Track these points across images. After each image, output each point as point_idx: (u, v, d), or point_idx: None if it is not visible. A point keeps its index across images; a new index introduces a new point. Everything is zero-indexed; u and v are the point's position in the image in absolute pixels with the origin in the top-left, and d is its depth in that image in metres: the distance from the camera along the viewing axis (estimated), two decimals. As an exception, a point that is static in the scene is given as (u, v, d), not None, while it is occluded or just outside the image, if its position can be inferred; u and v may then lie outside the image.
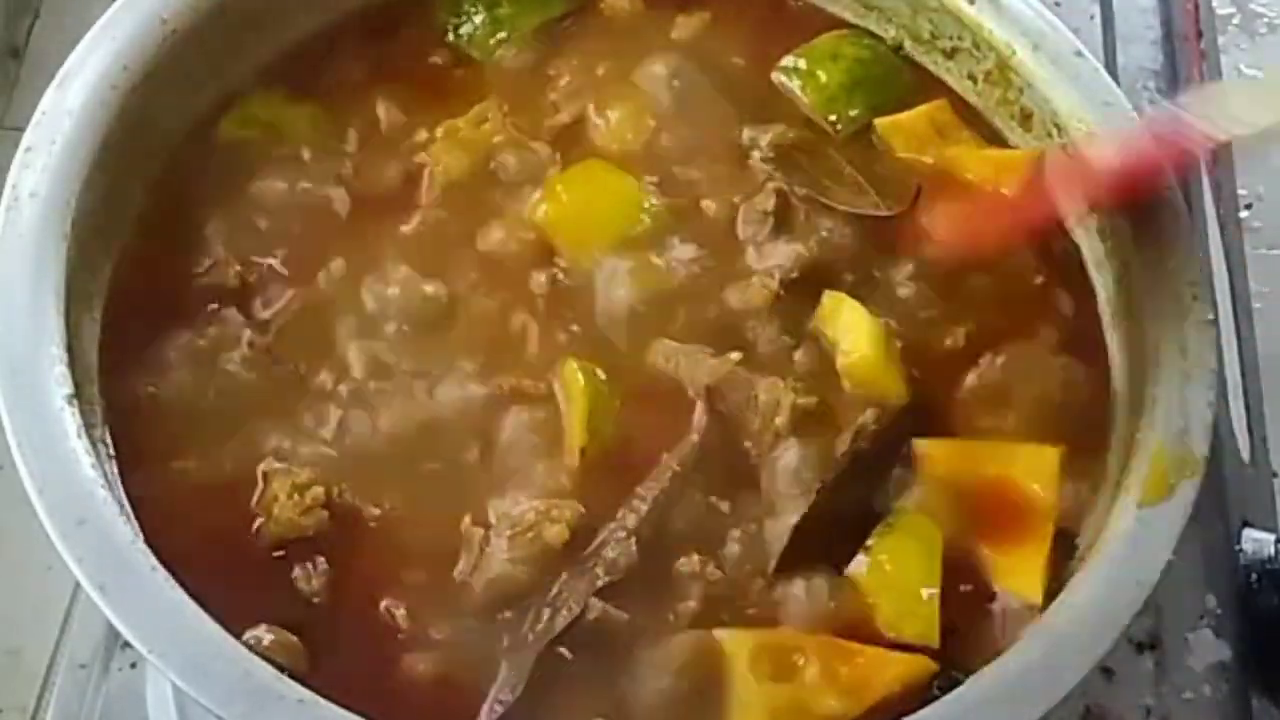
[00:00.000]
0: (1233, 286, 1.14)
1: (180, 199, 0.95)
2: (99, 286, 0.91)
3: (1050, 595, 0.83)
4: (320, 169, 0.98)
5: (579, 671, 0.81)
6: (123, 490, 0.83)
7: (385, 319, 0.92)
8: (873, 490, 0.88)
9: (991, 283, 0.96)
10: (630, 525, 0.85)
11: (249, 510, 0.85)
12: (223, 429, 0.88)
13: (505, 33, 1.04)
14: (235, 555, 0.84)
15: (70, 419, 0.81)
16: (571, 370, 0.90)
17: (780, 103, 1.03)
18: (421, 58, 1.04)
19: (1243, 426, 1.09)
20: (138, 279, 0.92)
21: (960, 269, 0.96)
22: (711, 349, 0.91)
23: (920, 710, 0.77)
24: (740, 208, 0.97)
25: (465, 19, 1.04)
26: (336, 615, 0.83)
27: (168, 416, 0.88)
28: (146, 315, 0.91)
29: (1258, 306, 1.14)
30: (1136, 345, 0.91)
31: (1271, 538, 1.05)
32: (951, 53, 1.05)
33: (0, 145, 0.97)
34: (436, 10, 1.05)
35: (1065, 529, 0.87)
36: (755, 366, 0.91)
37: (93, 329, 0.89)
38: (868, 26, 1.07)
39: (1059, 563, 0.86)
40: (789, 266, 0.94)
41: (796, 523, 0.86)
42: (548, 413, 0.89)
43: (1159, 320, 0.90)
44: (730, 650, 0.82)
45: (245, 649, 0.77)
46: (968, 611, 0.85)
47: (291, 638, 0.80)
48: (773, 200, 0.96)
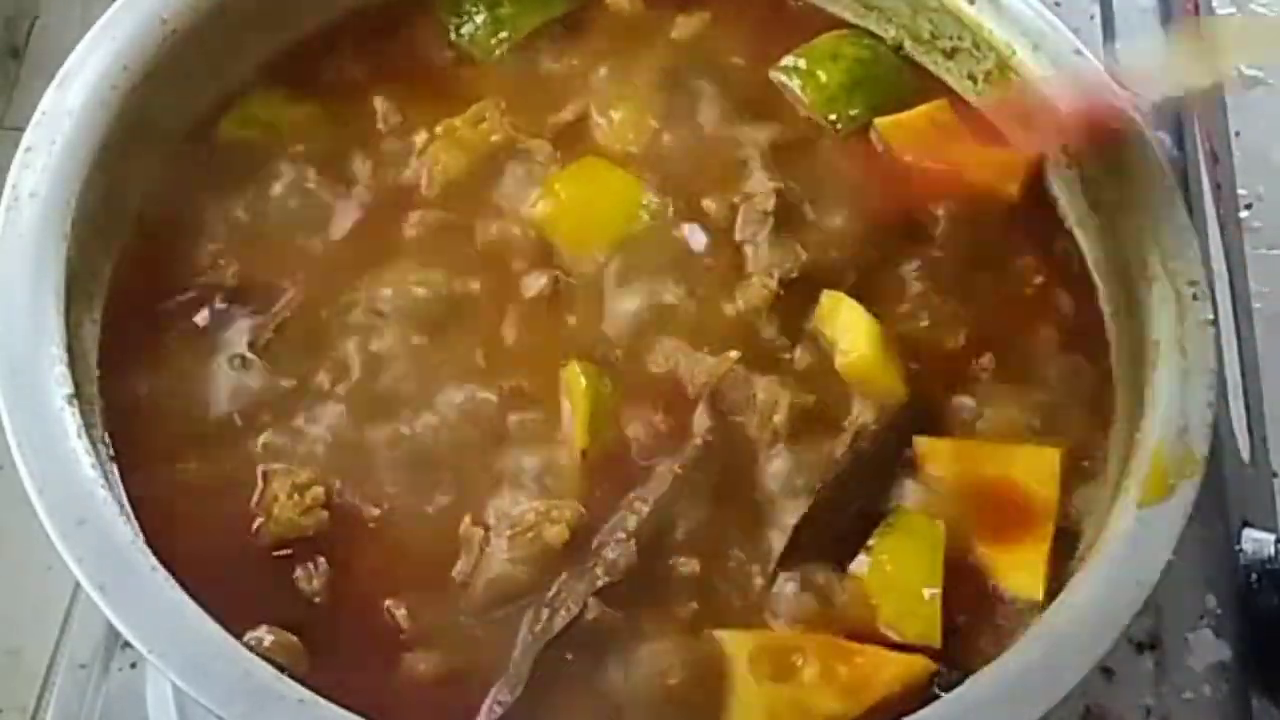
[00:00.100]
0: (1233, 286, 1.14)
1: (180, 199, 0.95)
2: (99, 286, 0.91)
3: (1051, 594, 0.83)
4: (320, 169, 0.98)
5: (579, 672, 0.81)
6: (123, 490, 0.83)
7: (384, 319, 0.92)
8: (873, 490, 0.88)
9: (991, 282, 0.96)
10: (631, 527, 0.85)
11: (249, 510, 0.85)
12: (222, 429, 0.88)
13: (506, 32, 1.04)
14: (235, 555, 0.84)
15: (70, 419, 0.81)
16: (573, 371, 0.90)
17: (780, 102, 1.03)
18: (422, 57, 1.04)
19: (1243, 426, 1.09)
20: (138, 279, 0.92)
21: (962, 264, 0.96)
22: (710, 349, 0.91)
23: (920, 710, 0.77)
24: (740, 208, 0.97)
25: (466, 19, 1.04)
26: (336, 615, 0.83)
27: (168, 416, 0.88)
28: (146, 315, 0.91)
29: (1258, 306, 1.14)
30: (1136, 345, 0.91)
31: (1271, 538, 1.05)
32: (951, 53, 1.05)
33: (0, 145, 0.97)
34: (437, 10, 1.05)
35: (1065, 528, 0.87)
36: (754, 366, 0.91)
37: (93, 329, 0.89)
38: (868, 26, 1.07)
39: (1059, 562, 0.86)
40: (788, 266, 0.94)
41: (797, 523, 0.86)
42: (548, 413, 0.89)
43: (1159, 320, 0.90)
44: (730, 651, 0.82)
45: (245, 649, 0.77)
46: (968, 611, 0.85)
47: (292, 638, 0.80)
48: (772, 200, 0.96)
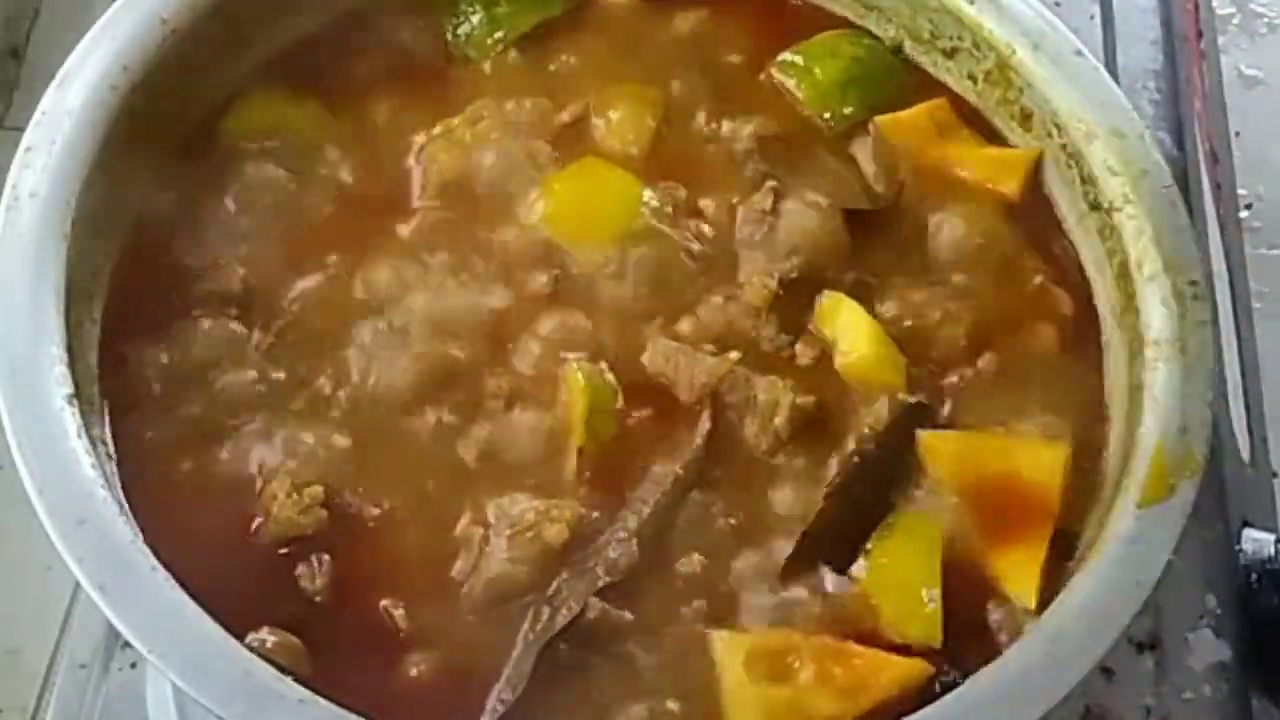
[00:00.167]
0: (1233, 286, 1.14)
1: (180, 199, 0.95)
2: (99, 286, 0.91)
3: (1047, 596, 0.83)
4: (320, 169, 0.98)
5: (579, 671, 0.81)
6: (123, 490, 0.83)
7: (384, 319, 0.92)
8: (877, 491, 0.88)
9: (991, 282, 0.96)
10: (632, 526, 0.85)
11: (249, 510, 0.85)
12: (222, 429, 0.88)
13: (503, 32, 1.04)
14: (235, 555, 0.84)
15: (70, 419, 0.81)
16: (572, 370, 0.90)
17: (778, 100, 1.03)
18: (420, 57, 1.04)
19: (1243, 426, 1.09)
20: (138, 279, 0.92)
21: (961, 264, 0.96)
22: (711, 348, 0.91)
23: (920, 710, 0.77)
24: (739, 207, 0.97)
25: (463, 18, 1.04)
26: (336, 615, 0.83)
27: (168, 416, 0.88)
28: (146, 316, 0.91)
29: (1258, 306, 1.14)
30: (1136, 345, 0.91)
31: (1271, 538, 1.05)
32: (951, 53, 1.05)
33: (0, 145, 0.97)
34: (435, 10, 1.05)
35: (1065, 529, 0.87)
36: (754, 366, 0.91)
37: (93, 329, 0.89)
38: (867, 26, 1.07)
39: (1059, 563, 0.86)
40: (788, 266, 0.94)
41: (802, 530, 0.86)
42: (547, 412, 0.89)
43: (1159, 320, 0.90)
44: (727, 652, 0.82)
45: (245, 649, 0.77)
46: (968, 611, 0.85)
47: (294, 640, 0.80)
48: (771, 199, 0.96)
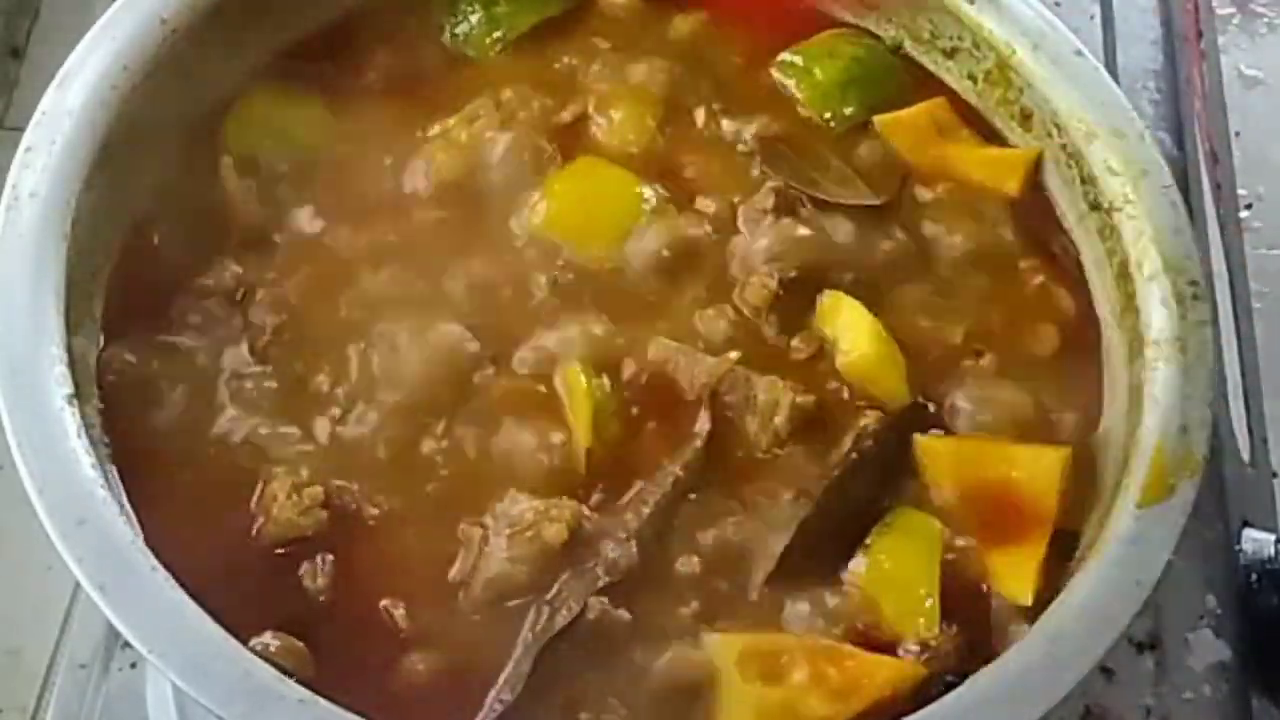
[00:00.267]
0: (1233, 286, 1.14)
1: (180, 199, 0.95)
2: (99, 286, 0.91)
3: (1044, 597, 0.83)
4: (319, 169, 0.98)
5: (578, 671, 0.81)
6: (123, 490, 0.83)
7: (383, 319, 0.92)
8: (874, 489, 0.88)
9: (991, 282, 0.96)
10: (632, 526, 0.85)
11: (249, 511, 0.85)
12: (222, 429, 0.88)
13: (502, 31, 1.04)
14: (235, 556, 0.84)
15: (70, 419, 0.81)
16: (574, 371, 0.89)
17: (778, 100, 1.03)
18: (419, 57, 1.04)
19: (1243, 426, 1.09)
20: (138, 279, 0.92)
21: (961, 263, 0.96)
22: (711, 348, 0.91)
23: (920, 710, 0.77)
24: (739, 206, 0.97)
25: (462, 18, 1.04)
26: (336, 615, 0.83)
27: (167, 417, 0.88)
28: (147, 315, 0.91)
29: (1258, 306, 1.14)
30: (1136, 345, 0.91)
31: (1271, 538, 1.05)
32: (951, 52, 1.05)
33: (0, 145, 0.97)
34: (433, 10, 1.05)
35: (1064, 530, 0.87)
36: (754, 366, 0.91)
37: (93, 329, 0.89)
38: (867, 26, 1.07)
39: (1058, 563, 0.85)
40: (788, 266, 0.94)
41: (799, 524, 0.86)
42: (548, 412, 0.89)
43: (1158, 320, 0.90)
44: (720, 651, 0.81)
45: (245, 649, 0.77)
46: (966, 612, 0.85)
47: (298, 644, 0.80)
48: (771, 199, 0.96)
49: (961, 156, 1.01)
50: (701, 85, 1.03)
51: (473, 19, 1.04)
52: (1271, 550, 1.05)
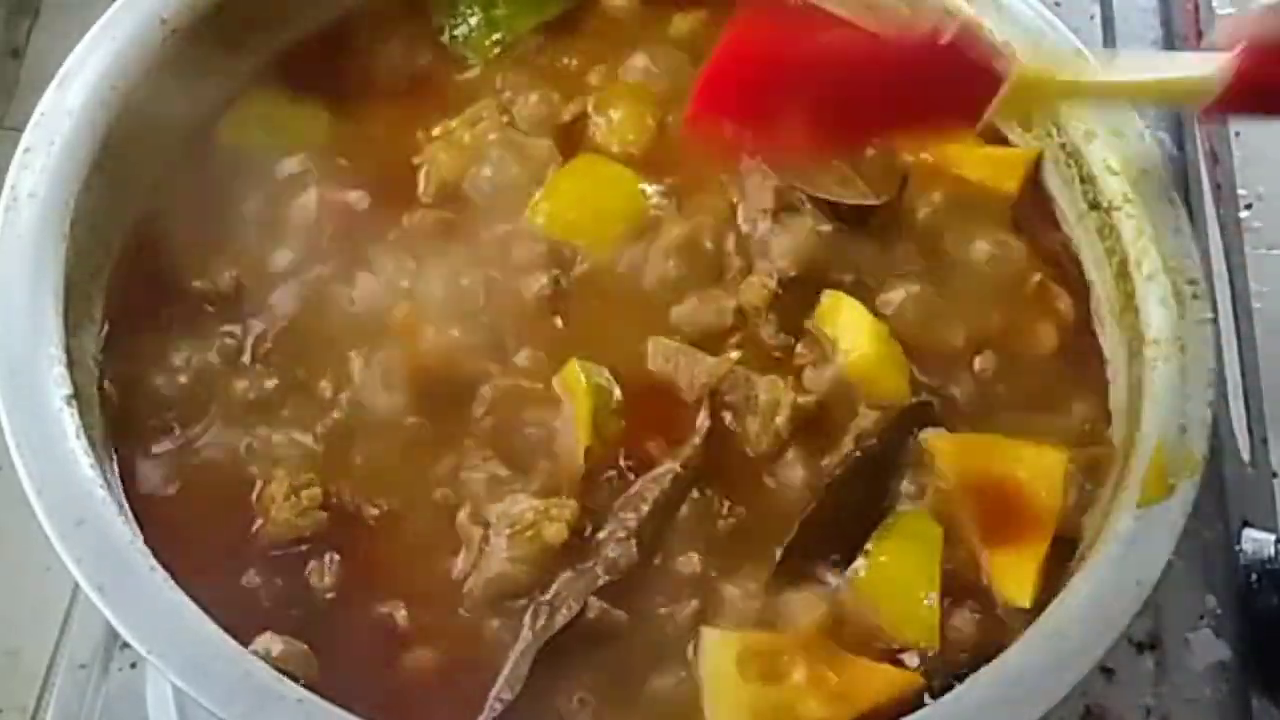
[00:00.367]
0: (1233, 286, 1.14)
1: (180, 199, 0.95)
2: (99, 286, 0.91)
3: (1045, 598, 0.83)
4: (319, 170, 0.98)
5: (578, 671, 0.81)
6: (122, 490, 0.83)
7: (383, 321, 0.92)
8: (876, 489, 0.88)
9: (991, 281, 0.96)
10: (631, 526, 0.85)
11: (248, 511, 0.85)
12: (222, 430, 0.88)
13: (501, 34, 1.04)
14: (234, 556, 0.84)
15: (70, 419, 0.81)
16: (574, 370, 0.90)
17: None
18: (418, 58, 1.04)
19: (1243, 426, 1.09)
20: (138, 279, 0.92)
21: (960, 263, 0.96)
22: (711, 348, 0.91)
23: (920, 710, 0.77)
24: (739, 206, 0.97)
25: (461, 20, 1.04)
26: (336, 615, 0.83)
27: (167, 417, 0.88)
28: (146, 316, 0.91)
29: (1258, 306, 1.14)
30: (1135, 344, 0.91)
31: (1271, 538, 1.05)
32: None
33: (0, 145, 0.97)
34: (433, 11, 1.05)
35: (1065, 530, 0.87)
36: (755, 366, 0.91)
37: (93, 329, 0.89)
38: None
39: (1058, 564, 0.85)
40: (788, 265, 0.94)
41: (800, 522, 0.86)
42: (548, 412, 0.89)
43: (1158, 319, 0.90)
44: (718, 650, 0.81)
45: (245, 649, 0.77)
46: (966, 613, 0.84)
47: (301, 646, 0.80)
48: (771, 199, 0.96)
49: (961, 156, 1.01)
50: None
51: (472, 21, 1.04)
52: (1271, 550, 1.05)
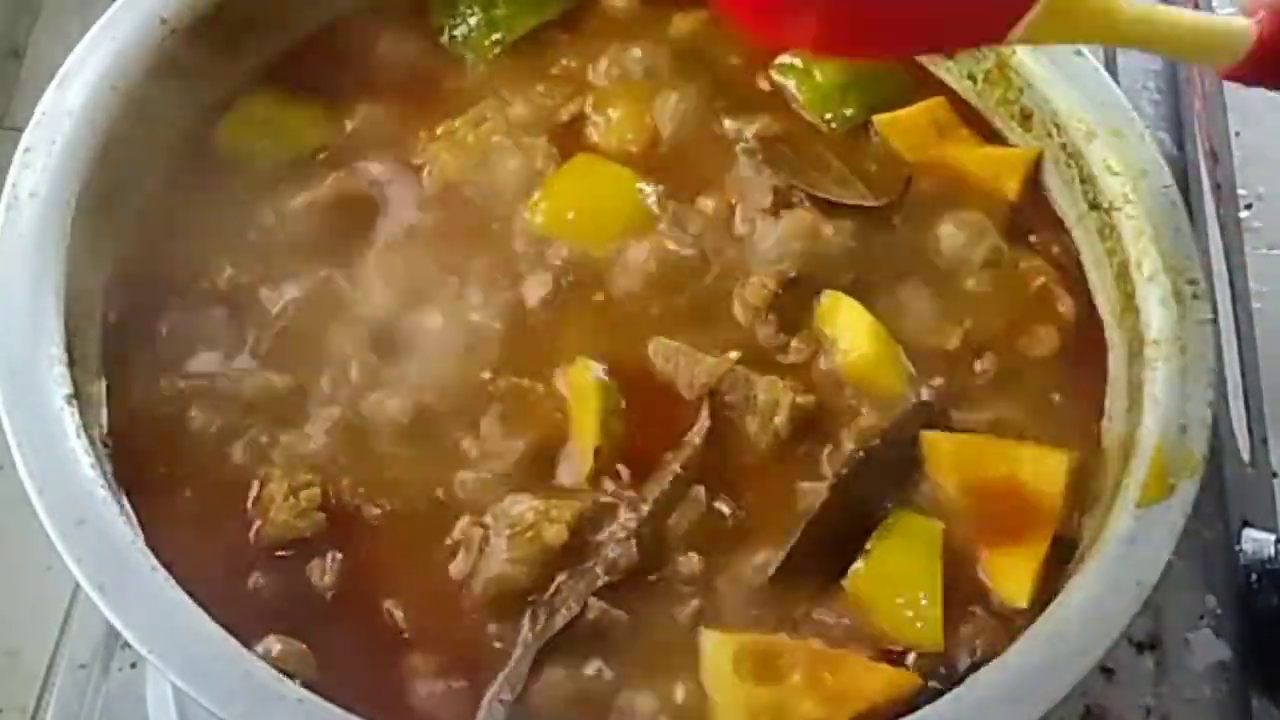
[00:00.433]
0: (1233, 286, 1.14)
1: (180, 199, 0.95)
2: (99, 286, 0.91)
3: (1044, 598, 0.83)
4: (320, 170, 0.98)
5: (578, 670, 0.81)
6: (122, 491, 0.83)
7: (384, 321, 0.92)
8: (879, 489, 0.88)
9: (991, 282, 0.96)
10: (631, 526, 0.85)
11: (248, 512, 0.85)
12: (222, 430, 0.88)
13: (501, 34, 1.04)
14: (235, 556, 0.84)
15: (70, 419, 0.81)
16: (579, 370, 0.89)
17: (777, 101, 1.03)
18: (418, 59, 1.04)
19: (1243, 426, 1.09)
20: (138, 279, 0.92)
21: (960, 263, 0.96)
22: (711, 348, 0.91)
23: (920, 710, 0.77)
24: (738, 206, 0.97)
25: (461, 20, 1.04)
26: (336, 616, 0.83)
27: (167, 417, 0.88)
28: (146, 316, 0.91)
29: (1258, 306, 1.14)
30: (1136, 345, 0.91)
31: (1271, 538, 1.05)
32: (950, 52, 1.04)
33: (0, 145, 0.97)
34: (433, 12, 1.05)
35: (1064, 530, 0.87)
36: (754, 366, 0.91)
37: (93, 329, 0.89)
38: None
39: (1057, 565, 0.85)
40: (787, 266, 0.94)
41: (804, 525, 0.86)
42: (549, 412, 0.89)
43: (1158, 320, 0.90)
44: (716, 650, 0.82)
45: (245, 649, 0.77)
46: (966, 613, 0.84)
47: (301, 646, 0.80)
48: (770, 198, 0.96)
49: (961, 156, 1.01)
50: (701, 86, 1.03)
51: (471, 21, 1.04)
52: (1271, 550, 1.05)
